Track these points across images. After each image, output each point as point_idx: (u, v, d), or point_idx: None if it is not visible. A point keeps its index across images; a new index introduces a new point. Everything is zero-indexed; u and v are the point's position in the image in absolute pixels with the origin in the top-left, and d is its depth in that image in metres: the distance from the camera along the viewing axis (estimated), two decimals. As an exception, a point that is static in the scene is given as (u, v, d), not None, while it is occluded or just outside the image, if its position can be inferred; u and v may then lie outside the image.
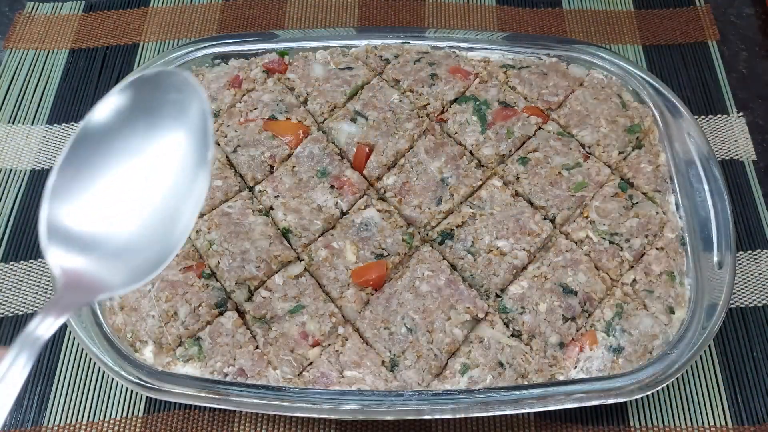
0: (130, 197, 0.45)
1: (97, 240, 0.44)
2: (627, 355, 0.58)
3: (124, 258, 0.44)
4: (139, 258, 0.44)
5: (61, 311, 0.40)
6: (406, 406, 0.54)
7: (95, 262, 0.44)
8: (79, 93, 0.83)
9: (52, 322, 0.39)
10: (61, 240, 0.43)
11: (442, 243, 0.63)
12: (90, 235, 0.44)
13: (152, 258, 0.44)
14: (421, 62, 0.75)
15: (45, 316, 0.39)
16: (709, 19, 0.88)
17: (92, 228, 0.44)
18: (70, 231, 0.43)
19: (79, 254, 0.43)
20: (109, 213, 0.45)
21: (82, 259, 0.43)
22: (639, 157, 0.68)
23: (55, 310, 0.40)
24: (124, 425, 0.61)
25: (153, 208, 0.45)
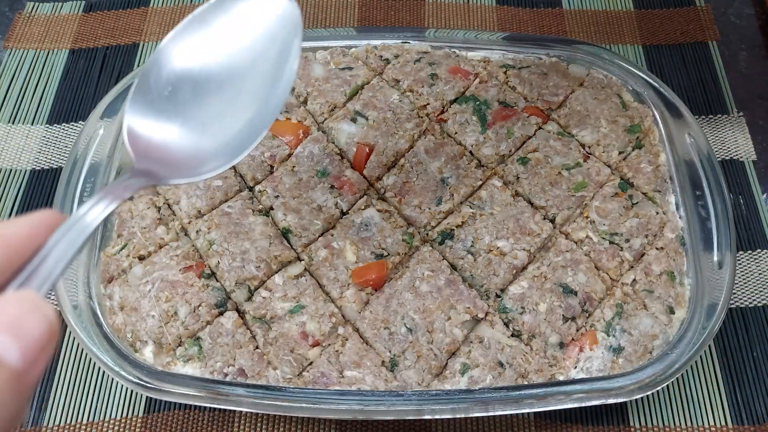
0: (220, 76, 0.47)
1: (180, 113, 0.45)
2: (627, 355, 0.58)
3: (208, 135, 0.45)
4: (225, 137, 0.45)
5: (123, 192, 0.37)
6: (406, 406, 0.54)
7: (175, 135, 0.44)
8: (79, 93, 0.83)
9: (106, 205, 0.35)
10: (144, 106, 0.44)
11: (442, 243, 0.63)
12: (173, 109, 0.45)
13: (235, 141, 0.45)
14: (421, 62, 0.75)
15: (100, 198, 0.35)
16: (709, 19, 0.88)
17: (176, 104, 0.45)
18: (155, 100, 0.44)
19: (160, 121, 0.44)
20: (197, 89, 0.46)
21: (161, 126, 0.44)
22: (639, 157, 0.68)
23: (114, 192, 0.36)
24: (124, 425, 0.61)
25: (242, 88, 0.47)
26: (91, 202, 0.34)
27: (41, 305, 0.27)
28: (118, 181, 0.38)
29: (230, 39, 0.48)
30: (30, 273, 0.30)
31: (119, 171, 0.67)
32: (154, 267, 0.62)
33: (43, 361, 0.26)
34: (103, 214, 0.34)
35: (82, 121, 0.80)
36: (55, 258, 0.30)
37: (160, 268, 0.61)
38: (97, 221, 0.33)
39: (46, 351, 0.26)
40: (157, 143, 0.44)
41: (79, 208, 0.33)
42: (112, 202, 0.35)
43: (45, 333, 0.26)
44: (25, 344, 0.25)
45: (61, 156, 0.78)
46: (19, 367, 0.25)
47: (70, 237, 0.31)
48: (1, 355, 0.25)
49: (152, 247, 0.63)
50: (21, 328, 0.25)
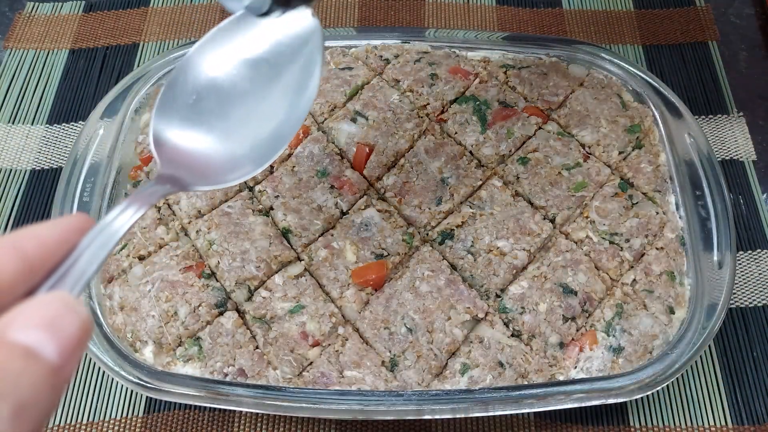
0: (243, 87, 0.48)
1: (205, 121, 0.46)
2: (627, 355, 0.58)
3: (232, 143, 0.46)
4: (248, 145, 0.46)
5: (149, 198, 0.38)
6: (406, 406, 0.54)
7: (200, 142, 0.45)
8: (79, 93, 0.83)
9: (134, 212, 0.36)
10: (170, 114, 0.45)
11: (442, 243, 0.63)
12: (197, 117, 0.46)
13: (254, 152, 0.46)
14: (421, 62, 0.75)
15: (128, 205, 0.36)
16: (709, 19, 0.88)
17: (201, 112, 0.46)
18: (180, 108, 0.46)
19: (185, 128, 0.45)
20: (222, 98, 0.48)
21: (187, 134, 0.45)
22: (639, 157, 0.68)
23: (141, 198, 0.37)
24: (124, 425, 0.61)
25: (265, 98, 0.48)
26: (119, 208, 0.35)
27: (76, 305, 0.28)
28: (144, 188, 0.39)
29: (255, 51, 0.49)
30: (63, 273, 0.31)
31: (119, 171, 0.67)
32: (154, 267, 0.62)
33: (77, 358, 0.27)
34: (131, 220, 0.35)
35: (82, 121, 0.80)
36: (87, 260, 0.31)
37: (160, 268, 0.61)
38: (125, 227, 0.34)
39: (80, 348, 0.27)
40: (182, 150, 0.45)
41: (107, 214, 0.34)
42: (139, 209, 0.36)
43: (79, 331, 0.27)
44: (61, 341, 0.26)
45: (61, 156, 0.78)
46: (56, 363, 0.26)
47: (100, 241, 0.32)
48: (40, 350, 0.26)
49: (152, 247, 0.63)
50: (58, 325, 0.26)
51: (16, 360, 0.25)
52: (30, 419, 0.25)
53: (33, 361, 0.25)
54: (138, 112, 0.72)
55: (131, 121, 0.70)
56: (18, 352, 0.25)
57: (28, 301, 0.27)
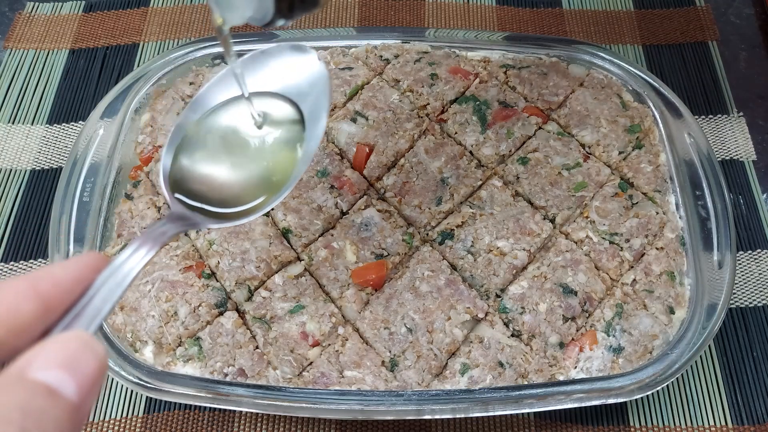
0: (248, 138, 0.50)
1: (215, 159, 0.49)
2: (627, 355, 0.58)
3: (241, 181, 0.49)
4: (257, 183, 0.49)
5: (160, 238, 0.39)
6: (406, 406, 0.54)
7: (212, 180, 0.48)
8: (79, 93, 0.83)
9: (145, 253, 0.37)
10: (179, 151, 0.48)
11: (442, 243, 0.63)
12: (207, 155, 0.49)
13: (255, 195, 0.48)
14: (421, 62, 0.75)
15: (139, 246, 0.37)
16: (709, 19, 0.88)
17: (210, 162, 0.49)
18: (190, 146, 0.49)
19: (195, 166, 0.48)
20: (231, 137, 0.50)
21: (196, 171, 0.48)
22: (639, 157, 0.68)
23: (152, 239, 0.38)
24: (124, 425, 0.61)
25: (274, 138, 0.50)
26: (131, 248, 0.36)
27: (93, 343, 0.29)
28: (155, 227, 0.40)
29: (263, 93, 0.51)
30: (79, 312, 0.32)
31: (119, 171, 0.68)
32: (154, 267, 0.62)
33: (95, 395, 0.28)
34: (144, 260, 0.36)
35: (82, 121, 0.80)
36: (101, 300, 0.32)
37: (160, 268, 0.61)
38: (137, 268, 0.35)
39: (98, 385, 0.28)
40: (192, 189, 0.47)
41: (120, 254, 0.35)
42: (151, 249, 0.37)
43: (97, 369, 0.28)
44: (80, 379, 0.27)
45: (61, 156, 0.78)
46: (75, 401, 0.27)
47: (113, 282, 0.33)
48: (61, 389, 0.27)
49: (152, 247, 0.63)
50: (76, 365, 0.28)
51: (39, 398, 0.26)
52: None
53: (54, 399, 0.26)
54: (138, 112, 0.72)
55: (131, 121, 0.70)
56: (40, 390, 0.26)
57: (47, 341, 0.28)
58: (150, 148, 0.70)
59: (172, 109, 0.72)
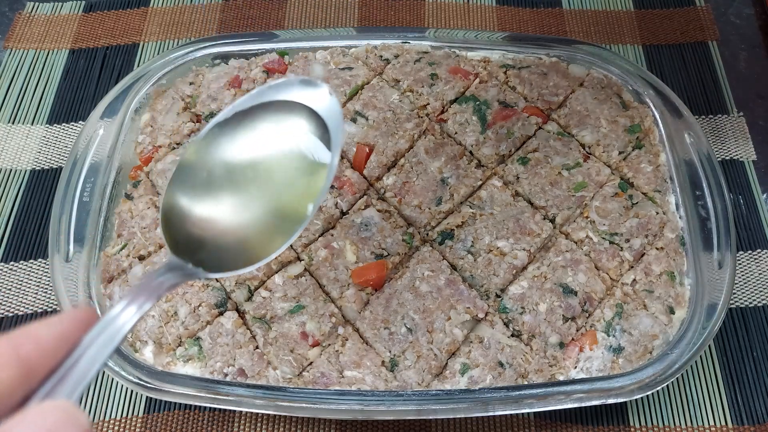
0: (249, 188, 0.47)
1: (217, 201, 0.45)
2: (627, 355, 0.58)
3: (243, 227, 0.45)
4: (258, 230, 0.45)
5: (156, 290, 0.36)
6: (406, 406, 0.54)
7: (213, 224, 0.44)
8: (79, 93, 0.83)
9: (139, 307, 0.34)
10: (180, 195, 0.44)
11: (442, 243, 0.63)
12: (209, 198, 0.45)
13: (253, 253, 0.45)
14: (421, 62, 0.75)
15: (133, 299, 0.34)
16: (709, 19, 0.88)
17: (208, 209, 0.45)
18: (191, 190, 0.45)
19: (195, 209, 0.44)
20: (233, 179, 0.46)
21: (196, 215, 0.44)
22: (639, 157, 0.68)
23: (147, 291, 0.36)
24: (124, 425, 0.61)
25: (279, 180, 0.46)
26: (124, 302, 0.34)
27: (76, 414, 0.27)
28: (150, 278, 0.38)
29: (269, 132, 0.47)
30: (63, 376, 0.30)
31: (119, 171, 0.67)
32: (154, 267, 0.62)
33: None
34: (137, 316, 0.34)
35: (82, 121, 0.80)
36: (88, 361, 0.30)
37: (160, 268, 0.61)
38: (130, 324, 0.33)
39: None
40: (192, 234, 0.44)
41: (112, 308, 0.33)
42: (145, 303, 0.35)
43: None
44: None
45: (61, 156, 0.78)
46: None
47: (102, 340, 0.31)
48: None
49: (152, 247, 0.63)
50: None
51: None
52: None
53: None
54: (138, 112, 0.72)
55: (131, 121, 0.70)
56: None
57: (26, 412, 0.27)
58: (150, 148, 0.70)
59: (172, 109, 0.72)
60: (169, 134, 0.70)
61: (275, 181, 0.47)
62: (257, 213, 0.46)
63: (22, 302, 0.68)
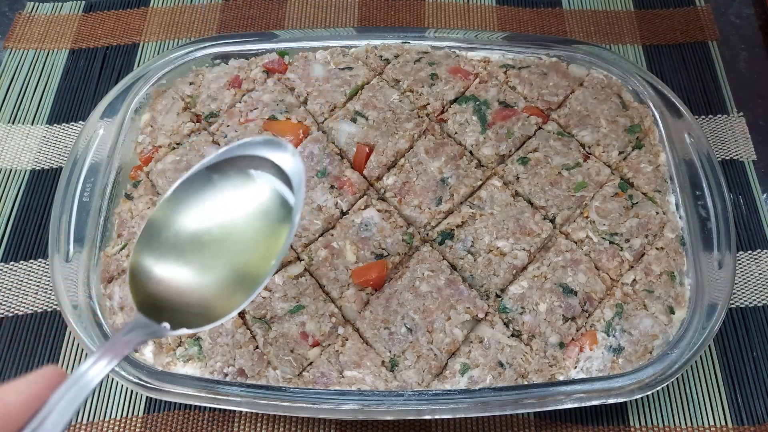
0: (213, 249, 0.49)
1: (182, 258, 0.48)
2: (627, 355, 0.58)
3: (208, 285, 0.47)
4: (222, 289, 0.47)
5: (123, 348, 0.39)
6: (406, 406, 0.54)
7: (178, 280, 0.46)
8: (79, 93, 0.83)
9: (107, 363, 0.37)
10: (147, 253, 0.47)
11: (442, 243, 0.63)
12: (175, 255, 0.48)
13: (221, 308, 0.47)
14: (421, 62, 0.75)
15: (101, 355, 0.37)
16: (709, 19, 0.88)
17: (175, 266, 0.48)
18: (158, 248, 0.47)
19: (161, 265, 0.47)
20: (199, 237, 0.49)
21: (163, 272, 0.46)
22: (639, 157, 0.68)
23: (115, 348, 0.38)
24: (124, 425, 0.61)
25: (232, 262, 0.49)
26: (92, 359, 0.36)
27: None
28: (118, 337, 0.40)
29: (235, 188, 0.50)
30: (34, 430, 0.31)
31: (119, 171, 0.67)
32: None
33: None
34: (105, 371, 0.36)
35: (82, 121, 0.80)
36: (55, 419, 0.32)
37: (160, 268, 0.61)
38: (97, 378, 0.35)
39: None
40: (157, 293, 0.46)
41: (80, 366, 0.35)
42: (113, 359, 0.37)
43: None
44: None
45: (61, 156, 0.78)
46: None
47: (69, 396, 0.33)
48: None
49: (152, 247, 0.63)
50: None
51: None
52: None
53: None
54: (138, 112, 0.72)
55: (131, 121, 0.70)
56: None
57: None
58: (150, 148, 0.70)
59: (172, 109, 0.72)
60: (169, 134, 0.70)
61: (239, 239, 0.49)
62: (221, 272, 0.48)
63: (22, 302, 0.68)
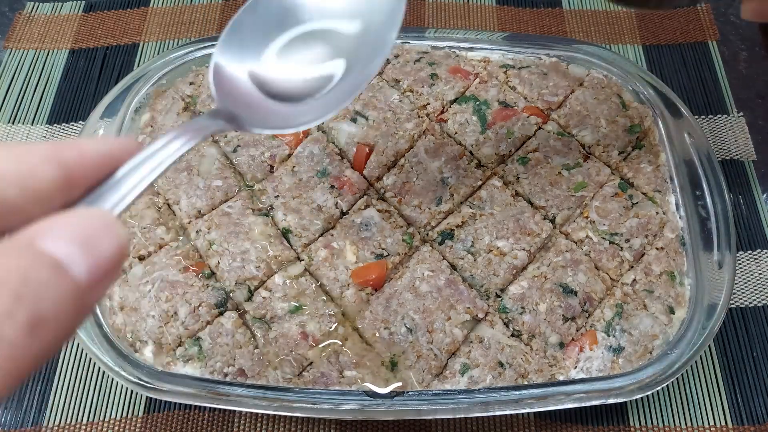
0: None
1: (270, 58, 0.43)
2: (627, 355, 0.58)
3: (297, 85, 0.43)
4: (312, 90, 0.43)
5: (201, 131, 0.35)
6: (406, 406, 0.54)
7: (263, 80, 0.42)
8: (79, 93, 0.83)
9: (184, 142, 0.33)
10: (234, 47, 0.43)
11: (442, 243, 0.63)
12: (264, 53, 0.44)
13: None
14: (421, 62, 0.75)
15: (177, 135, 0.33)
16: (709, 19, 0.88)
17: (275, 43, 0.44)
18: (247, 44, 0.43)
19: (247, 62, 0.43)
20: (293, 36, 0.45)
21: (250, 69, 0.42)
22: (639, 157, 0.68)
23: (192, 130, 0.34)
24: (124, 425, 0.61)
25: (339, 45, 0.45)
26: (167, 137, 0.33)
27: (116, 225, 0.26)
28: (196, 120, 0.36)
29: None
30: (104, 192, 0.28)
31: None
32: (154, 267, 0.62)
33: (106, 286, 0.25)
34: (180, 151, 0.32)
35: (82, 121, 0.80)
36: (131, 183, 0.29)
37: (160, 268, 0.61)
38: (173, 157, 0.32)
39: (111, 275, 0.25)
40: (244, 86, 0.42)
41: (156, 141, 0.32)
42: (188, 142, 0.33)
43: (115, 254, 0.25)
44: (94, 260, 0.24)
45: (61, 156, 0.78)
46: (83, 282, 0.24)
47: (146, 166, 0.30)
48: (69, 265, 0.24)
49: (152, 247, 0.63)
50: (93, 243, 0.24)
51: (42, 270, 0.23)
52: (46, 335, 0.23)
53: (60, 275, 0.23)
54: (138, 112, 0.72)
55: (131, 121, 0.70)
56: (45, 261, 0.23)
57: (67, 212, 0.25)
58: (150, 148, 0.70)
59: (172, 109, 0.72)
60: (169, 134, 0.70)
61: (332, 46, 0.45)
62: (308, 75, 0.44)
63: (22, 302, 0.68)
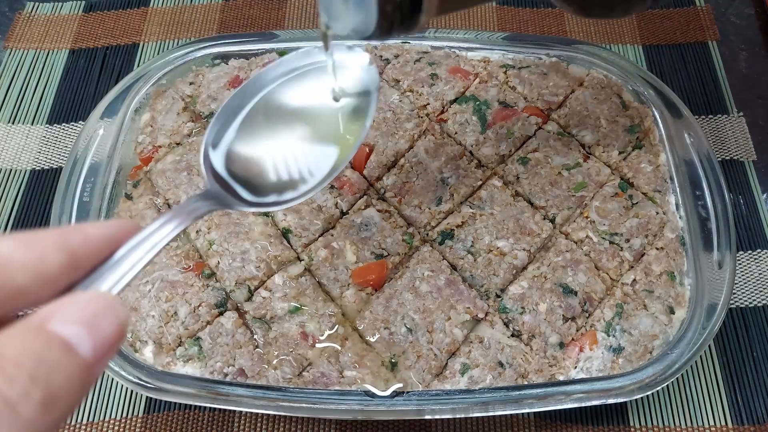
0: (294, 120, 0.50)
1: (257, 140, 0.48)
2: (627, 355, 0.58)
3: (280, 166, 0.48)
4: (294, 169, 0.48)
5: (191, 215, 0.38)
6: (406, 406, 0.54)
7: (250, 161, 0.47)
8: (79, 93, 0.83)
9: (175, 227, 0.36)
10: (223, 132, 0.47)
11: (442, 243, 0.63)
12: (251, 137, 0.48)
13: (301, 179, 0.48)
14: (421, 62, 0.75)
15: (170, 218, 0.36)
16: (709, 19, 0.88)
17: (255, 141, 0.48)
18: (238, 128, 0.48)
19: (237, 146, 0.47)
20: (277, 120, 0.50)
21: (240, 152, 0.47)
22: (639, 157, 0.68)
23: (184, 212, 0.37)
24: (124, 425, 0.61)
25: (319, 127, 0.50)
26: (160, 220, 0.36)
27: (117, 305, 0.28)
28: (188, 203, 0.39)
29: (314, 83, 0.51)
30: (103, 273, 0.31)
31: (119, 171, 0.68)
32: (154, 267, 0.62)
33: (107, 360, 0.28)
34: (173, 233, 0.36)
35: (82, 121, 0.80)
36: (128, 265, 0.32)
37: (160, 268, 0.61)
38: (166, 239, 0.35)
39: (114, 349, 0.28)
40: (232, 168, 0.46)
41: (151, 224, 0.35)
42: (181, 224, 0.36)
43: (116, 333, 0.28)
44: (98, 339, 0.27)
45: (61, 156, 0.78)
46: (89, 359, 0.26)
47: (141, 248, 0.33)
48: (76, 345, 0.26)
49: (152, 247, 0.63)
50: (96, 323, 0.27)
51: (55, 351, 0.25)
52: (57, 411, 0.25)
53: (70, 354, 0.26)
54: (138, 112, 0.72)
55: (131, 121, 0.70)
56: (56, 343, 0.26)
57: (72, 295, 0.28)
58: (150, 148, 0.70)
59: (172, 109, 0.72)
60: (169, 134, 0.70)
61: (313, 130, 0.50)
62: (290, 155, 0.49)
63: (22, 302, 0.68)
